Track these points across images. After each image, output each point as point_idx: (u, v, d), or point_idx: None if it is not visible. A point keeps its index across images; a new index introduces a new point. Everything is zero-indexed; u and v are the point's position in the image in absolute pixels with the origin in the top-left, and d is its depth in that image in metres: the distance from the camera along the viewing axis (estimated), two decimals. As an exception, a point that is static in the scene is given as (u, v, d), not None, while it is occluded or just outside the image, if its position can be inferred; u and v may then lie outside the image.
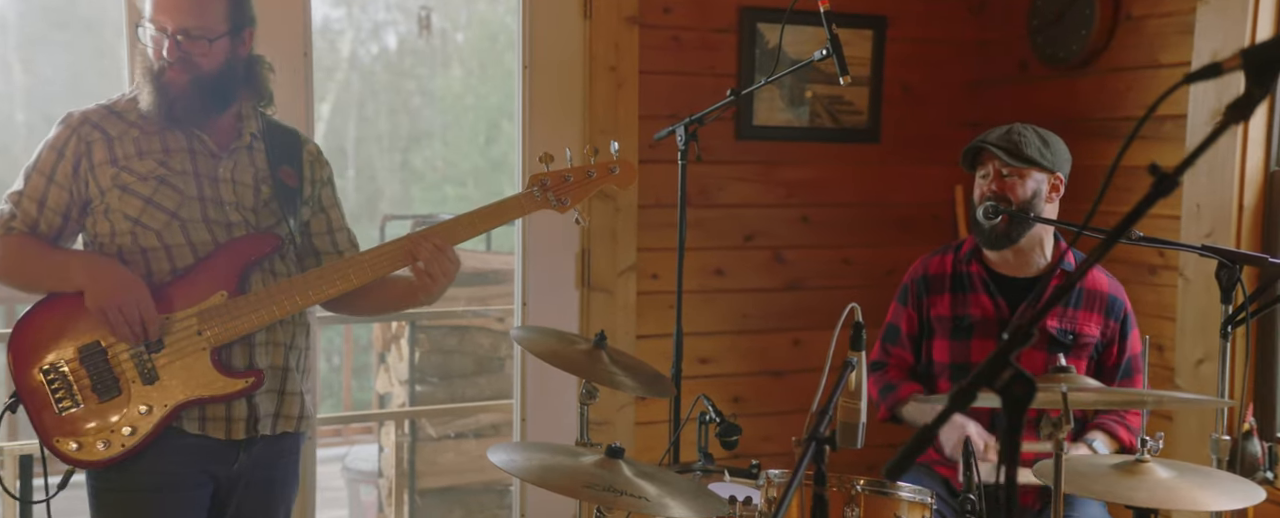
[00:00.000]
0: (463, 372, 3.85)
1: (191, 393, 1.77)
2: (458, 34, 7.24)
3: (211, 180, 1.82)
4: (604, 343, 2.09)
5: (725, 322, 3.03)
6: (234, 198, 1.84)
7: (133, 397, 1.76)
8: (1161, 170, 0.95)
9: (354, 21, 7.05)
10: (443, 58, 7.20)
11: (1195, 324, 2.43)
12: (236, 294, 1.80)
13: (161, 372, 1.76)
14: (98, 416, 1.76)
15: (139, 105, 1.81)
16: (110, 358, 1.76)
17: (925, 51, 3.13)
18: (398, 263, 1.86)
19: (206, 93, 1.79)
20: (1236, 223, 2.35)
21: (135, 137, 1.80)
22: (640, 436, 2.94)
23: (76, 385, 1.75)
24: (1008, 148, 2.21)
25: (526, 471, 1.75)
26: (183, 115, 1.80)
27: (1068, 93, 2.84)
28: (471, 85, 7.35)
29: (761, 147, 3.02)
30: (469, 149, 7.31)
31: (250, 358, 1.83)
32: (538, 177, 1.92)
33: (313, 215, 1.96)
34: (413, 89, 7.32)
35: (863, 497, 1.60)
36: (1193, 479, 1.63)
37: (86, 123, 1.80)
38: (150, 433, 1.76)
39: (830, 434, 1.33)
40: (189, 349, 1.77)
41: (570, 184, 1.92)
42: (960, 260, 2.38)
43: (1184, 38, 2.46)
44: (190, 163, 1.82)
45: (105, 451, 1.75)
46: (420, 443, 3.75)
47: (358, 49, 7.25)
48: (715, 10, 2.92)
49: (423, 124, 7.26)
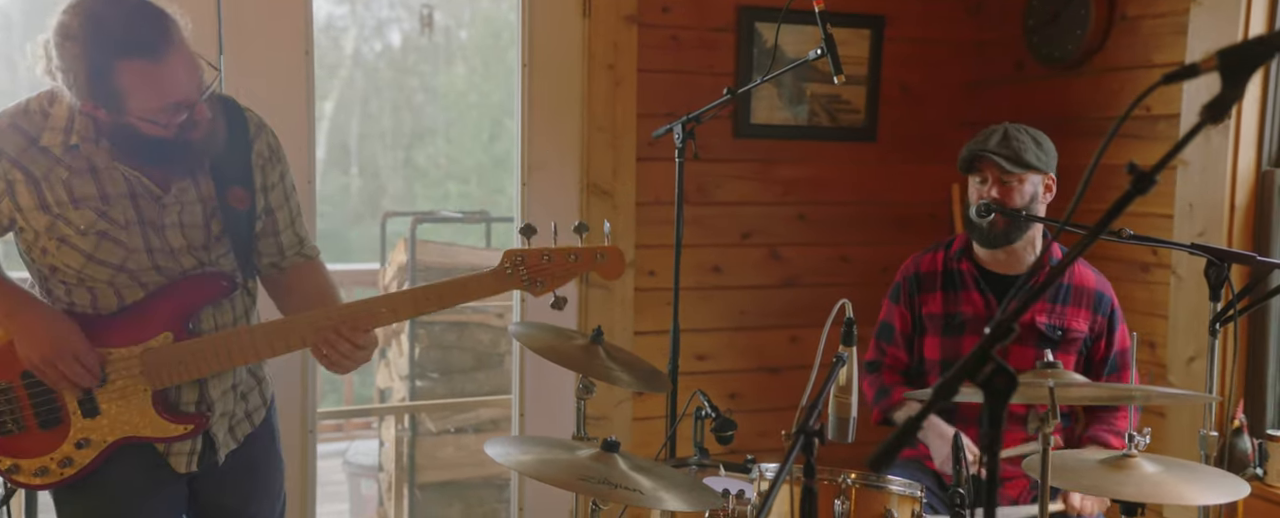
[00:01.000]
0: (462, 367, 3.87)
1: (128, 432, 1.70)
2: (461, 31, 7.25)
3: (158, 229, 1.66)
4: (601, 339, 2.11)
5: (722, 318, 3.06)
6: (184, 242, 1.70)
7: (72, 428, 1.69)
8: (1139, 169, 0.98)
9: (357, 19, 7.07)
10: (446, 55, 7.21)
11: (1187, 322, 2.45)
12: (182, 336, 1.69)
13: (103, 406, 1.69)
14: (36, 442, 1.68)
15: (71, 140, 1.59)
16: (55, 388, 1.68)
17: (923, 51, 3.15)
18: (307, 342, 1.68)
19: (212, 133, 1.65)
20: (1228, 222, 2.37)
21: (65, 178, 1.60)
22: (637, 431, 2.97)
23: (21, 409, 1.68)
24: (1009, 155, 2.23)
25: (522, 464, 1.77)
26: (190, 167, 1.66)
27: (1063, 92, 2.86)
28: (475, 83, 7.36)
29: (759, 145, 3.04)
30: (472, 146, 7.32)
31: (201, 394, 1.74)
32: (514, 253, 1.72)
33: (264, 221, 1.79)
34: (416, 86, 7.33)
35: (853, 490, 1.63)
36: (1179, 474, 1.65)
37: (2, 157, 1.58)
38: (87, 467, 1.70)
39: (819, 428, 1.35)
40: (130, 389, 1.68)
41: (548, 266, 1.73)
42: (951, 258, 2.41)
43: (1178, 38, 2.48)
44: (133, 210, 1.64)
45: (41, 477, 1.70)
46: (420, 438, 3.78)
47: (361, 46, 7.26)
48: (713, 9, 2.94)
49: (426, 121, 7.27)
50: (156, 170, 1.65)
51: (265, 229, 1.80)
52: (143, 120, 1.55)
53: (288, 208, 1.83)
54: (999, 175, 2.25)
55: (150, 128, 1.56)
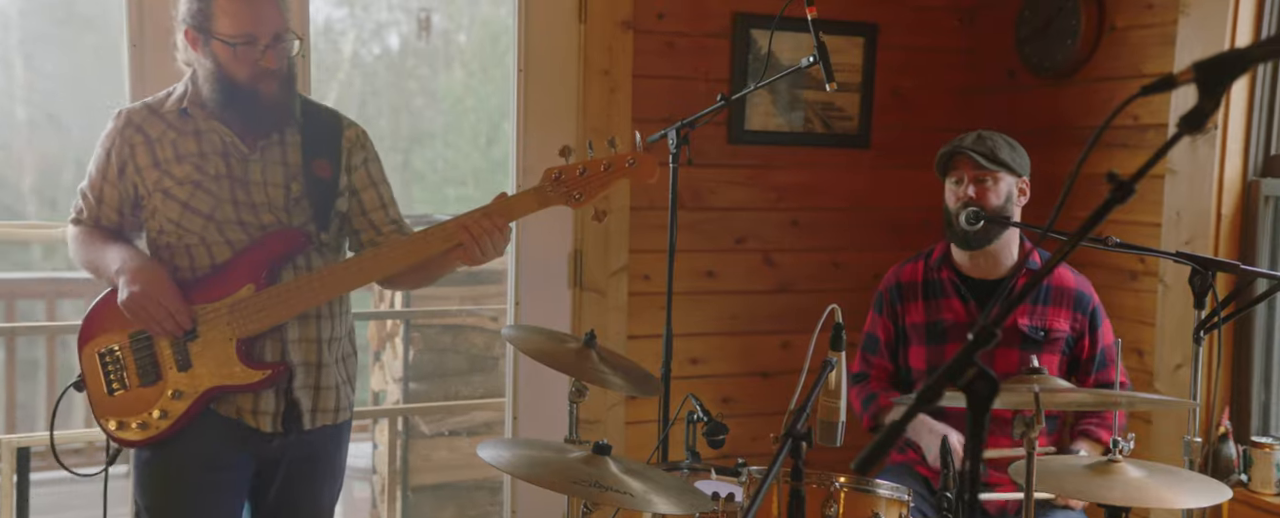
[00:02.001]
0: (456, 370, 3.89)
1: (216, 381, 1.85)
2: (459, 35, 7.27)
3: (242, 183, 1.87)
4: (594, 342, 2.13)
5: (715, 323, 3.08)
6: (265, 199, 1.88)
7: (168, 382, 1.85)
8: (1119, 178, 1.00)
9: (356, 22, 7.08)
10: (444, 58, 7.22)
11: (1174, 329, 2.47)
12: (263, 287, 1.85)
13: (195, 359, 1.85)
14: (138, 398, 1.86)
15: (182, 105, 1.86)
16: (155, 345, 1.85)
17: (916, 59, 3.18)
18: (438, 248, 1.86)
19: (290, 94, 1.87)
20: (1215, 230, 2.39)
21: (173, 139, 1.86)
22: (630, 434, 2.98)
23: (126, 369, 1.86)
24: (983, 152, 2.28)
25: (514, 466, 1.79)
26: (269, 122, 1.87)
27: (1054, 101, 2.88)
28: (473, 86, 7.37)
29: (753, 151, 3.06)
30: (470, 150, 7.32)
31: (282, 352, 1.89)
32: (552, 170, 1.85)
33: (349, 201, 1.97)
34: (414, 89, 7.34)
35: (842, 493, 1.65)
36: (1163, 479, 1.67)
37: (130, 124, 1.87)
38: (182, 417, 1.85)
39: (806, 431, 1.37)
40: (217, 339, 1.84)
41: (585, 178, 1.84)
42: (931, 268, 2.44)
43: (1166, 49, 2.51)
44: (224, 165, 1.86)
45: (141, 432, 1.86)
46: (413, 440, 3.79)
47: (360, 49, 7.27)
48: (709, 16, 2.97)
49: (424, 124, 7.28)
50: (246, 126, 1.87)
51: (354, 209, 1.98)
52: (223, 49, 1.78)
53: (375, 191, 2.00)
54: (974, 173, 2.30)
55: (229, 62, 1.79)
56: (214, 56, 1.82)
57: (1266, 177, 2.39)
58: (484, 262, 1.89)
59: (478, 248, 1.84)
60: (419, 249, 1.87)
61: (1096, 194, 2.74)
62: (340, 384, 1.99)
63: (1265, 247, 2.37)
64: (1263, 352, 2.41)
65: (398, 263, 1.87)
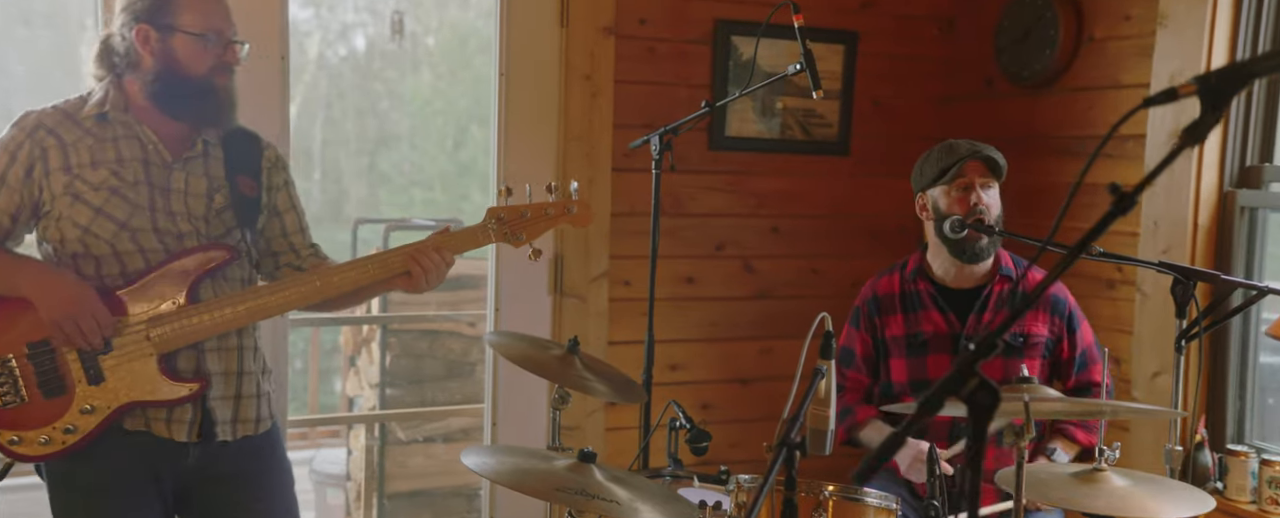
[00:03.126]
0: (433, 376, 3.84)
1: (134, 396, 1.79)
2: (428, 38, 7.22)
3: (163, 191, 1.83)
4: (577, 349, 2.11)
5: (695, 329, 3.07)
6: (185, 208, 1.85)
7: (76, 397, 1.78)
8: (1121, 189, 1.00)
9: (322, 23, 7.01)
10: (412, 61, 7.17)
11: (1151, 338, 2.50)
12: (188, 303, 1.81)
13: (108, 373, 1.78)
14: (39, 411, 1.77)
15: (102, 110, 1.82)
16: (58, 357, 1.78)
17: (895, 67, 3.20)
18: (383, 274, 1.89)
19: (234, 98, 1.87)
20: (1191, 240, 2.42)
21: (89, 144, 1.80)
22: (610, 441, 2.96)
23: (22, 381, 1.77)
24: (999, 161, 2.29)
25: (499, 474, 1.77)
26: (212, 121, 1.86)
27: (1032, 110, 2.91)
28: (440, 89, 7.32)
29: (733, 157, 3.06)
30: (437, 153, 7.28)
31: (198, 363, 1.84)
32: (494, 210, 1.94)
33: (267, 221, 1.96)
34: (381, 92, 7.28)
35: (831, 502, 1.64)
36: (1147, 489, 1.68)
37: (41, 127, 1.80)
38: (91, 433, 1.78)
39: (801, 440, 1.36)
40: (136, 354, 1.79)
41: (527, 220, 1.95)
42: (907, 279, 2.44)
43: (1143, 60, 2.54)
44: (143, 172, 1.82)
45: (45, 447, 1.78)
46: (389, 446, 3.74)
47: (325, 50, 7.19)
48: (690, 22, 2.96)
49: (390, 127, 7.22)
50: (174, 129, 1.85)
51: (274, 230, 1.98)
52: (186, 43, 1.78)
53: (295, 214, 2.02)
54: (986, 180, 2.29)
55: (189, 57, 1.79)
56: (170, 53, 1.79)
57: (1242, 187, 2.42)
58: (424, 291, 1.94)
59: (424, 279, 1.88)
60: (366, 275, 1.89)
61: (1079, 204, 2.76)
62: (263, 394, 1.96)
63: (1240, 256, 2.40)
64: (1237, 361, 2.44)
65: (343, 286, 1.89)
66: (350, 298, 2.02)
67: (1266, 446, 2.39)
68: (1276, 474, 2.22)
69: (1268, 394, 2.65)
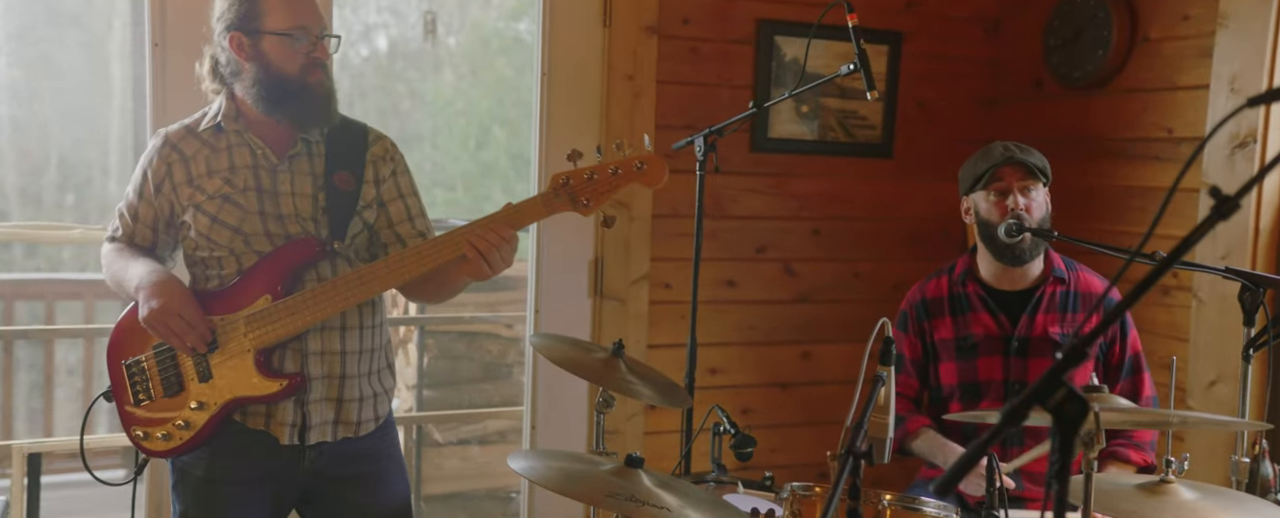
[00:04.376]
0: (470, 378, 3.83)
1: (236, 392, 1.85)
2: (450, 38, 7.25)
3: (271, 194, 1.88)
4: (622, 352, 2.08)
5: (735, 333, 3.03)
6: (293, 209, 1.89)
7: (190, 393, 1.86)
8: (1222, 194, 0.96)
9: (345, 24, 7.05)
10: (433, 62, 7.20)
11: (1208, 346, 2.44)
12: (280, 298, 1.84)
13: (215, 371, 1.85)
14: (162, 409, 1.87)
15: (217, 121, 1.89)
16: (178, 357, 1.86)
17: (941, 68, 3.15)
18: (447, 257, 1.83)
19: (334, 86, 1.91)
20: (1253, 245, 2.36)
21: (206, 155, 1.88)
22: (650, 445, 2.93)
23: (151, 381, 1.87)
24: (1036, 163, 2.25)
25: (547, 478, 1.74)
26: (316, 119, 1.89)
27: (1082, 112, 2.85)
28: (463, 90, 7.35)
29: (775, 159, 3.02)
30: (459, 153, 7.30)
31: (302, 364, 1.88)
32: (559, 175, 1.80)
33: (377, 213, 1.96)
34: (403, 92, 7.31)
35: (888, 512, 1.60)
36: (1218, 502, 1.63)
37: (167, 143, 1.90)
38: (204, 427, 1.85)
39: (867, 448, 1.33)
40: (236, 350, 1.84)
41: (593, 183, 1.79)
42: (955, 282, 2.40)
43: (1202, 60, 2.48)
44: (252, 178, 1.88)
45: (165, 442, 1.87)
46: (426, 448, 3.73)
47: (347, 51, 7.22)
48: (733, 22, 2.93)
49: (412, 127, 7.26)
50: (280, 132, 1.89)
51: (382, 222, 1.97)
52: (275, 44, 1.81)
53: (402, 204, 1.99)
54: (1022, 183, 2.25)
55: (280, 57, 1.82)
56: (263, 56, 1.84)
57: (1305, 191, 2.36)
58: (491, 275, 1.84)
59: (485, 262, 1.78)
60: (425, 260, 1.83)
61: (1126, 207, 2.70)
62: (366, 398, 1.96)
63: (1304, 263, 2.34)
64: (1299, 369, 2.37)
65: (403, 274, 1.84)
66: (431, 287, 1.97)
67: (1330, 458, 2.32)
68: (1342, 488, 2.15)
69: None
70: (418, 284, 1.92)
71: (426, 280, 1.89)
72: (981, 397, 2.34)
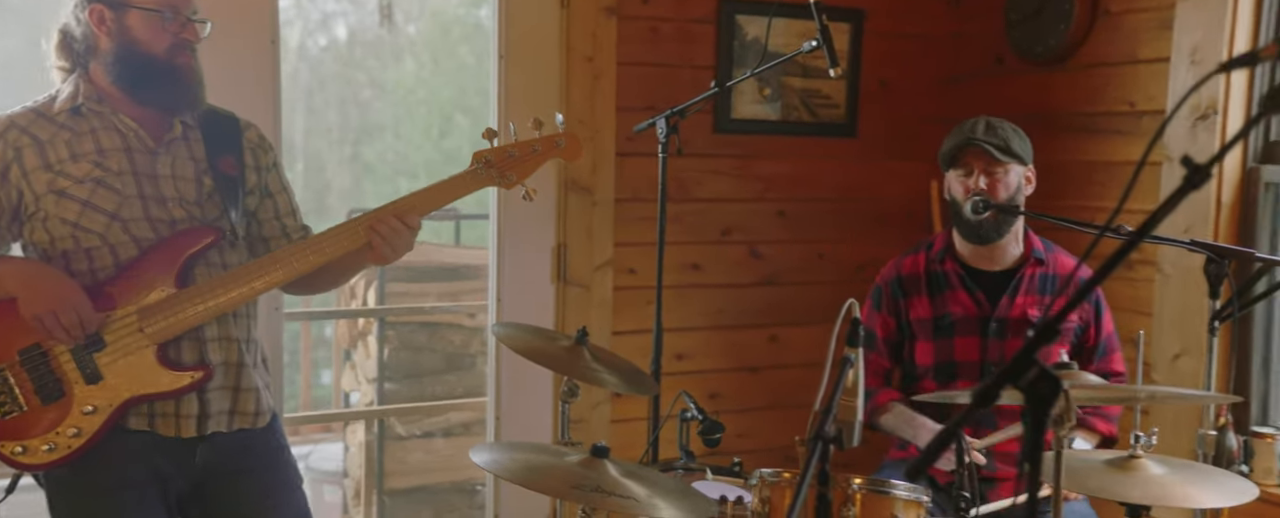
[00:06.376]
0: (432, 369, 3.76)
1: (136, 390, 1.74)
2: (410, 26, 7.14)
3: (150, 178, 1.77)
4: (586, 340, 2.04)
5: (701, 317, 3.00)
6: (176, 193, 1.79)
7: (76, 398, 1.73)
8: (1194, 163, 0.93)
9: (303, 12, 6.92)
10: (394, 50, 7.08)
11: (1172, 319, 2.44)
12: (179, 288, 1.75)
13: (105, 371, 1.73)
14: (43, 419, 1.72)
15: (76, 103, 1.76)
16: (52, 360, 1.72)
17: (902, 45, 3.12)
18: (353, 243, 1.80)
19: (200, 70, 1.81)
20: (1214, 218, 2.36)
21: (67, 139, 1.75)
22: (616, 433, 2.89)
23: (18, 389, 1.72)
24: (997, 144, 2.21)
25: (511, 471, 1.70)
26: (181, 102, 1.79)
27: (1044, 87, 2.84)
28: (424, 78, 7.24)
29: (739, 140, 2.98)
30: (422, 142, 7.21)
31: (201, 354, 1.78)
32: (481, 154, 1.86)
33: (259, 203, 1.91)
34: (363, 81, 7.20)
35: (859, 496, 1.57)
36: (1185, 476, 1.62)
37: (13, 127, 1.75)
38: (96, 433, 1.73)
39: (836, 433, 1.29)
40: (132, 347, 1.73)
41: (515, 160, 1.86)
42: (933, 259, 2.37)
43: (1163, 33, 2.47)
44: (127, 161, 1.76)
45: (50, 454, 1.73)
46: (388, 442, 3.66)
47: (306, 40, 7.11)
48: (694, 2, 2.88)
49: (374, 117, 7.15)
50: (149, 114, 1.79)
51: (268, 212, 1.92)
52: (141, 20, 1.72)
53: (286, 196, 1.95)
54: (987, 165, 2.23)
55: (146, 35, 1.73)
56: (127, 32, 1.74)
57: (1266, 163, 2.36)
58: (391, 261, 1.86)
59: (387, 247, 1.79)
60: (331, 247, 1.80)
61: (1091, 181, 2.69)
62: (260, 388, 1.89)
63: (1265, 234, 2.34)
64: (1262, 341, 2.38)
65: (309, 260, 1.80)
66: (332, 276, 1.98)
67: (1293, 427, 2.34)
68: (1305, 457, 2.17)
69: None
70: (313, 273, 1.86)
71: (323, 269, 1.85)
72: (956, 377, 2.32)
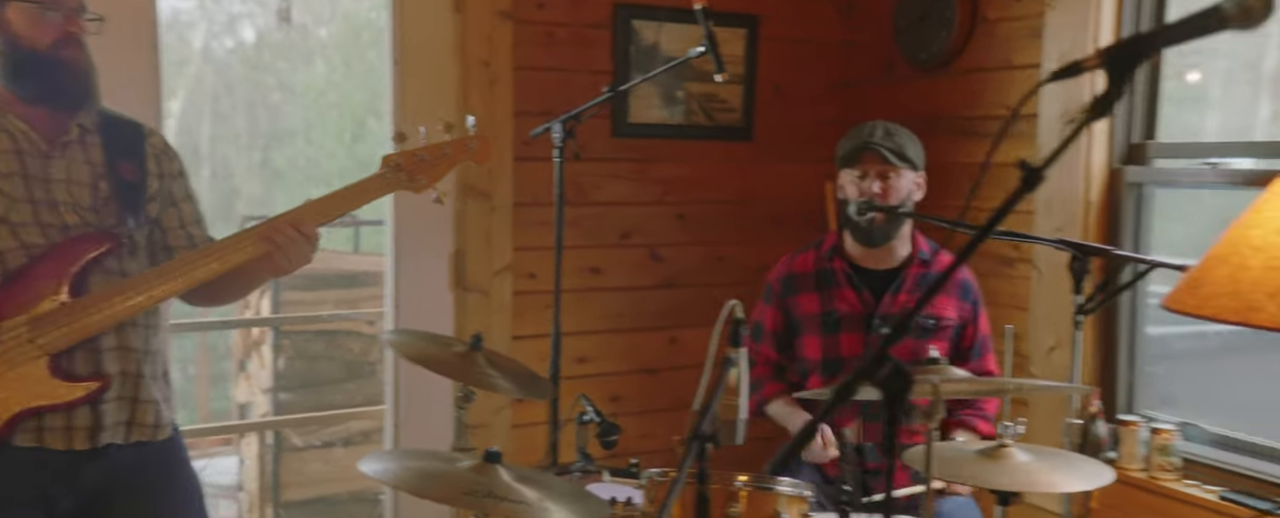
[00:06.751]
0: (331, 378, 3.69)
1: (27, 403, 1.66)
2: (320, 29, 6.97)
3: (42, 182, 1.71)
4: (480, 345, 2.03)
5: (601, 321, 3.02)
6: (69, 198, 1.72)
7: None
8: (1029, 166, 0.98)
9: (206, 13, 6.70)
10: (304, 53, 6.91)
11: (1047, 314, 2.56)
12: (73, 297, 1.69)
13: None
14: None
15: None
16: None
17: (796, 51, 3.20)
18: (251, 252, 1.76)
19: (92, 65, 1.75)
20: (1083, 217, 2.49)
21: None
22: (517, 438, 2.89)
23: None
24: (893, 148, 2.30)
25: (400, 479, 1.68)
26: (71, 99, 1.73)
27: (930, 92, 2.94)
28: (335, 82, 7.09)
29: (637, 144, 3.01)
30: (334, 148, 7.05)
31: (97, 364, 1.72)
32: (391, 157, 1.83)
33: (162, 210, 1.85)
34: (273, 85, 7.01)
35: (743, 493, 1.61)
36: (1050, 463, 1.71)
37: None
38: None
39: (713, 432, 1.32)
40: (21, 358, 1.66)
41: (425, 163, 1.84)
42: (823, 258, 2.45)
43: (1034, 40, 2.59)
44: (17, 163, 1.69)
45: None
46: (285, 453, 3.58)
47: (211, 42, 6.88)
48: (590, 6, 2.90)
49: (284, 121, 6.96)
50: (42, 115, 1.72)
51: (172, 221, 1.86)
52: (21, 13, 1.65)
53: (191, 205, 1.90)
54: (882, 169, 2.31)
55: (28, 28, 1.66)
56: (6, 25, 1.67)
57: (1129, 164, 2.49)
58: (289, 272, 1.82)
59: (283, 257, 1.75)
60: (232, 254, 1.75)
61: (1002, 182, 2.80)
62: (159, 401, 1.83)
63: (1129, 231, 2.48)
64: (1128, 333, 2.51)
65: (212, 268, 1.75)
66: (236, 286, 1.92)
67: (1156, 414, 2.48)
68: (1165, 442, 2.30)
69: (1157, 364, 2.74)
70: (215, 282, 1.80)
71: (222, 279, 1.80)
72: (842, 372, 2.39)
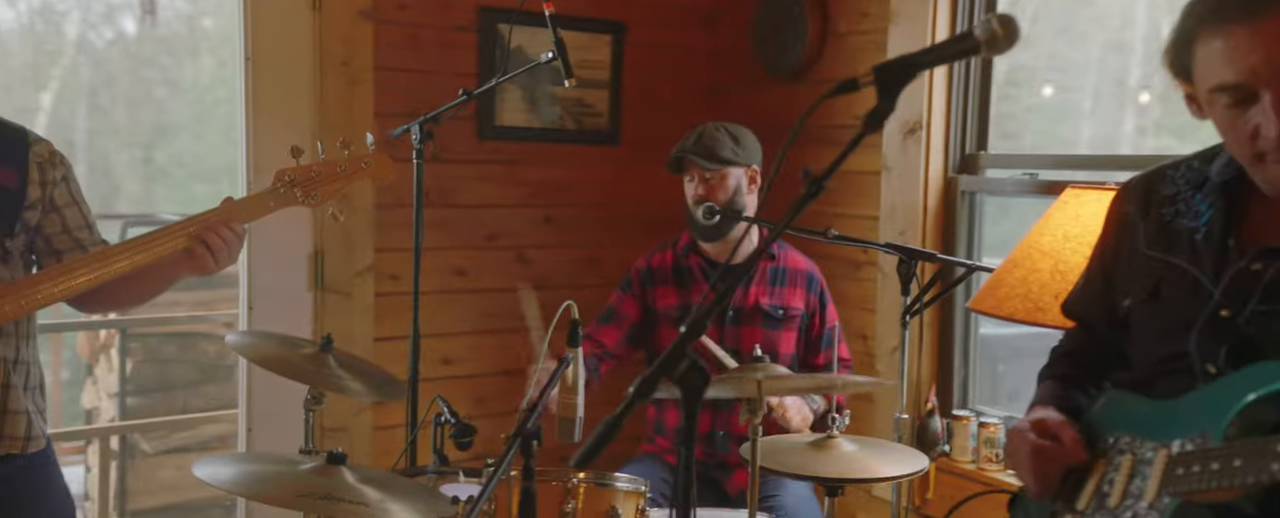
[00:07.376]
0: (185, 382, 3.57)
1: None
2: (205, 20, 6.72)
3: None
4: (330, 347, 2.02)
5: (467, 322, 3.02)
6: None
7: None
8: (812, 175, 1.05)
9: (81, 2, 6.37)
10: (190, 46, 6.64)
11: (890, 315, 2.69)
12: None
13: None
14: None
15: None
16: None
17: (662, 57, 3.27)
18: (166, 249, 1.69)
19: None
20: (922, 222, 2.63)
21: None
22: (378, 440, 2.87)
23: None
24: (704, 154, 2.41)
25: (237, 483, 1.66)
26: None
27: (788, 101, 3.06)
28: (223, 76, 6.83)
29: (504, 147, 3.03)
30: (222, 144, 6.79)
31: None
32: (284, 172, 1.78)
33: (44, 216, 1.77)
34: (156, 79, 6.70)
35: (580, 489, 1.65)
36: (872, 453, 1.81)
37: None
38: None
39: (537, 429, 1.36)
40: None
41: (319, 180, 1.79)
42: (680, 255, 2.57)
43: (878, 54, 2.73)
44: None
45: None
46: (134, 461, 3.44)
47: (88, 33, 6.55)
48: (454, 8, 2.90)
49: (169, 117, 6.67)
50: None
51: (55, 226, 1.80)
52: None
53: (78, 209, 1.83)
54: (701, 173, 2.44)
55: None
56: None
57: (963, 173, 2.65)
58: (212, 273, 1.77)
59: (212, 258, 1.71)
60: (157, 247, 1.68)
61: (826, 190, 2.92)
62: (31, 412, 1.77)
63: (963, 237, 2.63)
64: (962, 333, 2.67)
65: (111, 268, 1.67)
66: (138, 290, 1.84)
67: (986, 409, 2.64)
68: (992, 435, 2.45)
69: (998, 362, 2.92)
70: (116, 284, 1.73)
71: (129, 279, 1.73)
72: None
